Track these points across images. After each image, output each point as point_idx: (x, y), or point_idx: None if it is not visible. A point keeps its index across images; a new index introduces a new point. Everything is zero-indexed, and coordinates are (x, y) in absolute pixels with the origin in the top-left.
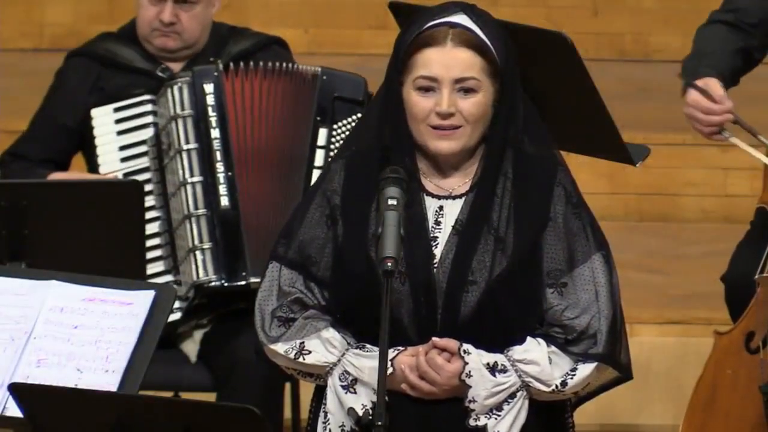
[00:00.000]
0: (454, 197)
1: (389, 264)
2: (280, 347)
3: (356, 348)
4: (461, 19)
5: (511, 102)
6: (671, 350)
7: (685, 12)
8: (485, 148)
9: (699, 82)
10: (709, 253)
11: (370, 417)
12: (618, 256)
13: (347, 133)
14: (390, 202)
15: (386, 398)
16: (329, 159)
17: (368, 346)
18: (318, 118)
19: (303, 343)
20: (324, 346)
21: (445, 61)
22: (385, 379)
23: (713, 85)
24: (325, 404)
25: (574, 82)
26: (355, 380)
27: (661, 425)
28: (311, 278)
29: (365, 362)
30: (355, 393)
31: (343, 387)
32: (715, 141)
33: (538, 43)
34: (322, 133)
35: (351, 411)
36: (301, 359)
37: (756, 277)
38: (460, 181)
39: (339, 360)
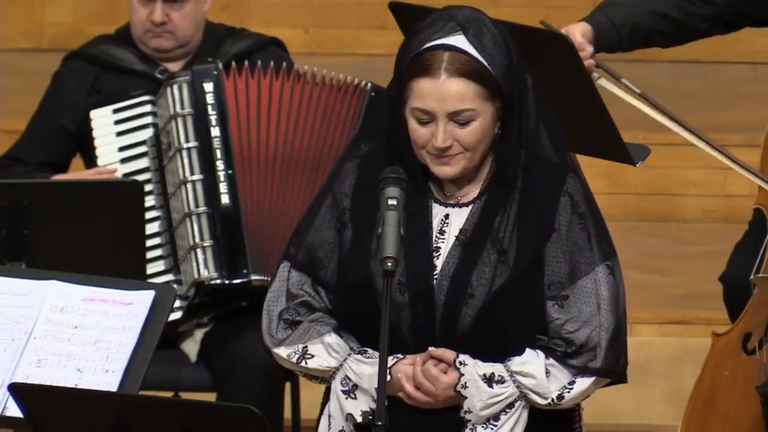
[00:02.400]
0: (461, 205)
1: (389, 264)
2: (283, 351)
3: (358, 353)
4: (458, 41)
5: (519, 117)
6: (671, 350)
7: None
8: (493, 158)
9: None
10: (709, 253)
11: (371, 417)
12: (618, 256)
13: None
14: (390, 202)
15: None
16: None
17: (369, 351)
18: None
19: (306, 347)
20: (326, 350)
21: (439, 94)
22: (386, 380)
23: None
24: (329, 409)
25: (574, 83)
26: (356, 386)
27: (661, 425)
28: (319, 281)
29: (365, 368)
30: (355, 399)
31: (344, 392)
32: None
33: (538, 43)
34: None
35: (350, 417)
36: (303, 363)
37: (751, 277)
38: (470, 189)
39: (341, 365)
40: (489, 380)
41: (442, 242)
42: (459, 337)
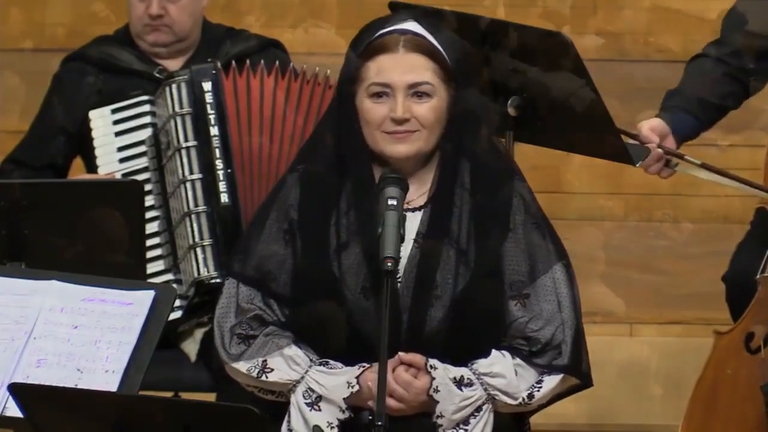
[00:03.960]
0: (413, 209)
1: (389, 264)
2: (242, 366)
3: (319, 365)
4: (411, 26)
5: (465, 108)
6: (671, 350)
7: (685, 12)
8: (439, 156)
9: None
10: (709, 253)
11: (370, 417)
12: (618, 256)
13: None
14: (390, 202)
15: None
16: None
17: (332, 362)
18: None
19: (265, 361)
20: (287, 363)
21: (398, 66)
22: (386, 380)
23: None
24: (289, 422)
25: (573, 82)
26: (320, 397)
27: (661, 425)
28: (270, 294)
29: (330, 379)
30: (320, 410)
31: (307, 404)
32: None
33: (536, 42)
34: None
35: (316, 428)
36: (263, 377)
37: (757, 277)
38: (418, 192)
39: (302, 377)
40: (459, 383)
41: (401, 246)
42: (426, 339)
